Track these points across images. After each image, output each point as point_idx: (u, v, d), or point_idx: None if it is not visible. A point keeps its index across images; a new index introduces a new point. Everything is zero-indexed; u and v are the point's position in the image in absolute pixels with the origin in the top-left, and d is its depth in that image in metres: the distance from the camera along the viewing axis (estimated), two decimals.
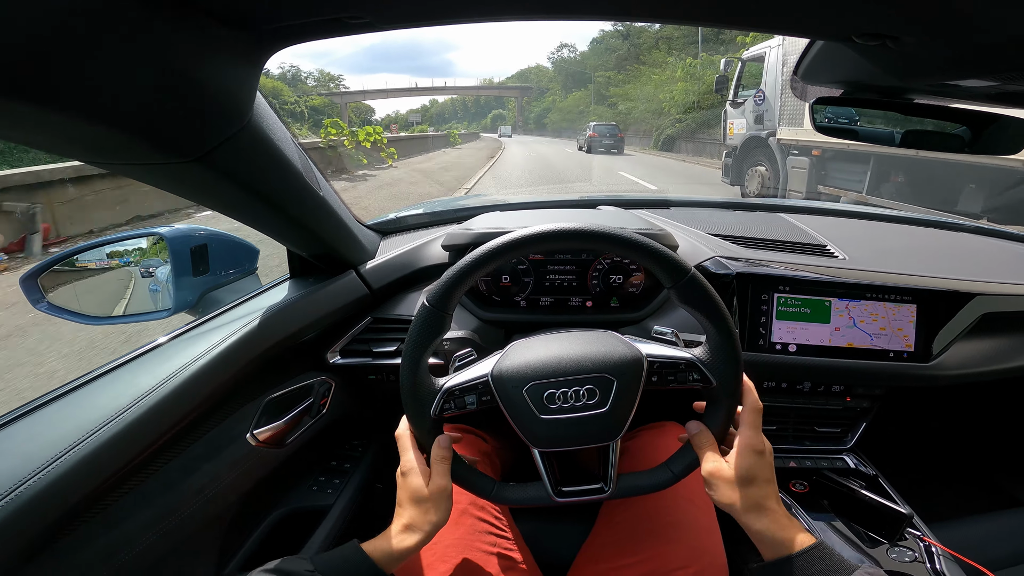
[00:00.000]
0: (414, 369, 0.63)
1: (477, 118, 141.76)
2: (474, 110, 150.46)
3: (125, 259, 0.83)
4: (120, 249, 0.82)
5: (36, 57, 0.29)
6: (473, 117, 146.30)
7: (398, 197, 8.62)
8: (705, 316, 0.64)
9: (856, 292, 0.91)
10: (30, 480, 0.44)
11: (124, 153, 0.43)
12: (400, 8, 0.39)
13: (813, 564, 0.52)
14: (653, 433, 0.87)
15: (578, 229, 0.63)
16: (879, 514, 0.81)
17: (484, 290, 0.97)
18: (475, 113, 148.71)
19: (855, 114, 0.74)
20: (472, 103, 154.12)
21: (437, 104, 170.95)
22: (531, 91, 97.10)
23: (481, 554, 0.69)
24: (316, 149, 12.02)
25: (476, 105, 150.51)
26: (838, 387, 0.99)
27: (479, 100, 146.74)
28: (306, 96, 60.91)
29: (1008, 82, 0.45)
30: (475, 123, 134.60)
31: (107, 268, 0.84)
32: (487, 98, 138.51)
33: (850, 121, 0.74)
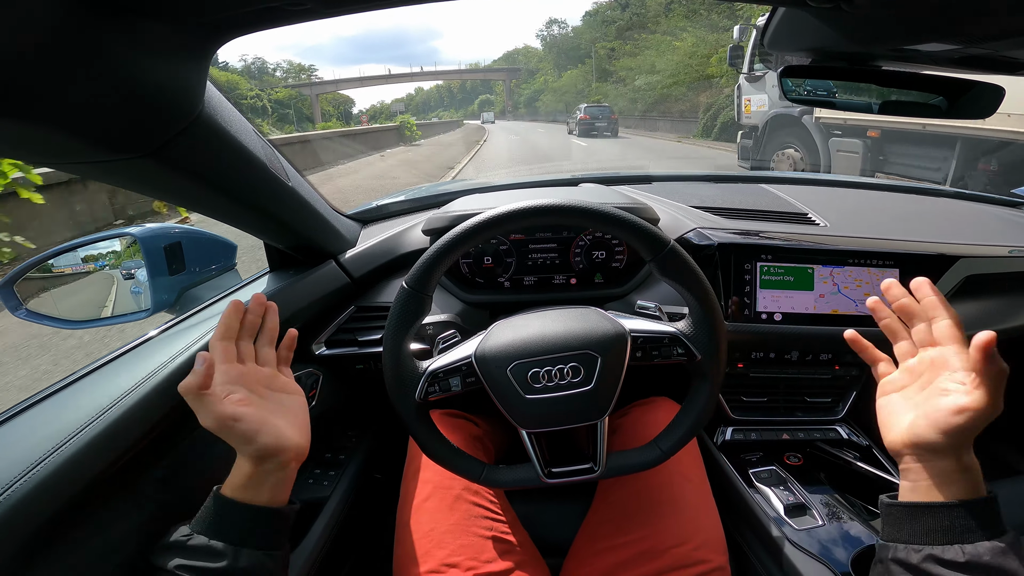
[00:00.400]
0: (396, 353, 0.63)
1: (464, 104, 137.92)
2: (460, 96, 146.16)
3: (101, 262, 0.82)
4: (95, 252, 0.81)
5: None
6: (460, 104, 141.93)
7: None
8: (686, 289, 0.64)
9: (838, 258, 0.91)
10: (13, 486, 0.44)
11: (72, 153, 0.42)
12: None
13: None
14: (643, 409, 0.88)
15: (555, 205, 0.63)
16: (874, 486, 0.82)
17: (467, 272, 0.97)
18: (461, 100, 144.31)
19: (832, 86, 0.73)
20: (458, 89, 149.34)
21: (422, 92, 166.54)
22: (519, 73, 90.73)
23: (478, 539, 0.69)
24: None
25: (462, 91, 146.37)
26: (826, 355, 0.99)
27: (465, 86, 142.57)
28: (269, 89, 58.24)
29: (968, 45, 0.44)
30: (461, 110, 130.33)
31: (84, 272, 0.83)
32: (474, 83, 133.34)
33: (819, 92, 0.73)
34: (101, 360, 0.62)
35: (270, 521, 0.51)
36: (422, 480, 0.75)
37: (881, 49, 0.52)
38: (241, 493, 0.50)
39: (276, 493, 0.52)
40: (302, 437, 0.54)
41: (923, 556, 0.45)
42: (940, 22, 0.40)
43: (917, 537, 0.47)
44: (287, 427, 0.53)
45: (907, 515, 0.49)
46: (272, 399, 0.55)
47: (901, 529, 0.49)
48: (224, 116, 0.51)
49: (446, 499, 0.72)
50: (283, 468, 0.52)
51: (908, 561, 0.46)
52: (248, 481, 0.50)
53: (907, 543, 0.47)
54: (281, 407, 0.55)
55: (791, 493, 0.84)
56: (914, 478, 0.49)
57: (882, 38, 0.48)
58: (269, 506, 0.51)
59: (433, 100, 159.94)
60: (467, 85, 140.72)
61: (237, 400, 0.50)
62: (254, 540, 0.49)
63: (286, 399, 0.57)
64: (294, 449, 0.52)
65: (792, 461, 0.91)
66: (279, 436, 0.51)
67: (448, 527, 0.69)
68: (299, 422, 0.55)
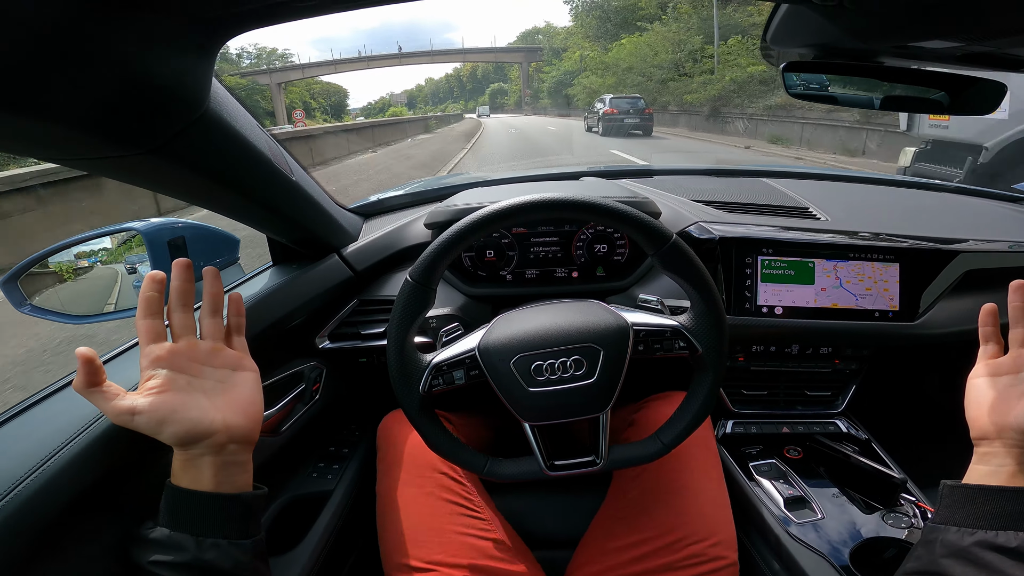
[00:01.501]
0: (400, 346, 0.64)
1: (475, 94, 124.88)
2: (471, 86, 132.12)
3: (93, 259, 0.81)
4: (87, 250, 0.81)
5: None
6: (470, 94, 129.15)
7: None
8: (688, 283, 0.64)
9: (839, 252, 0.91)
10: (19, 486, 0.44)
11: (77, 148, 0.42)
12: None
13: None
14: (659, 403, 0.87)
15: (559, 199, 0.63)
16: (873, 480, 0.82)
17: (469, 266, 0.97)
18: (472, 90, 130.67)
19: (826, 81, 0.73)
20: (468, 77, 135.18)
21: (432, 82, 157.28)
22: (540, 54, 68.66)
23: (459, 536, 0.70)
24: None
25: (473, 80, 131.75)
26: (826, 349, 1.00)
27: (476, 74, 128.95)
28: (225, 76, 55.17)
29: (971, 43, 0.44)
30: (472, 101, 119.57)
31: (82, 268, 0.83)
32: (486, 70, 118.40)
33: (821, 87, 0.73)
34: (103, 356, 0.62)
35: (224, 508, 0.48)
36: (398, 479, 0.75)
37: (883, 46, 0.52)
38: (183, 480, 0.47)
39: (222, 479, 0.48)
40: (238, 416, 0.50)
41: (975, 540, 0.45)
42: (942, 19, 0.40)
43: (974, 520, 0.46)
44: (212, 409, 0.48)
45: (972, 498, 0.48)
46: (210, 377, 0.51)
47: (958, 512, 0.48)
48: (229, 111, 0.51)
49: (424, 495, 0.73)
50: (217, 452, 0.48)
51: (959, 544, 0.46)
52: (183, 467, 0.48)
53: (960, 526, 0.47)
54: (219, 386, 0.51)
55: (791, 486, 0.84)
56: (999, 463, 0.49)
57: (884, 35, 0.48)
58: (217, 492, 0.48)
59: (442, 91, 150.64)
60: (478, 73, 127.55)
61: (150, 387, 0.46)
62: (213, 529, 0.46)
63: (229, 376, 0.52)
64: (223, 431, 0.48)
65: (792, 455, 0.92)
66: (196, 421, 0.47)
67: (430, 525, 0.70)
68: (239, 400, 0.51)
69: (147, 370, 0.47)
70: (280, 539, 0.75)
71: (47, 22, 0.29)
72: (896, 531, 0.75)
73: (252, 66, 63.78)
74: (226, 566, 0.46)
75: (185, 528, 0.46)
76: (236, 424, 0.49)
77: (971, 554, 0.45)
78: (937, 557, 0.47)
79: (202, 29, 0.38)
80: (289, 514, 0.81)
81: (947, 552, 0.46)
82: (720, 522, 0.72)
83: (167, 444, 0.47)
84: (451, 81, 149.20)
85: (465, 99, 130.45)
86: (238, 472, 0.50)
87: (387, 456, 0.79)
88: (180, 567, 0.44)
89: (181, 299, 0.50)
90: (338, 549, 0.80)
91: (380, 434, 0.84)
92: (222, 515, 0.47)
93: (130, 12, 0.33)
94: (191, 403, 0.47)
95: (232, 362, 0.53)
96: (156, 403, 0.46)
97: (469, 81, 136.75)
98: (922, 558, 0.49)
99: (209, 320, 0.53)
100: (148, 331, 0.48)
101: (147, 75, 0.38)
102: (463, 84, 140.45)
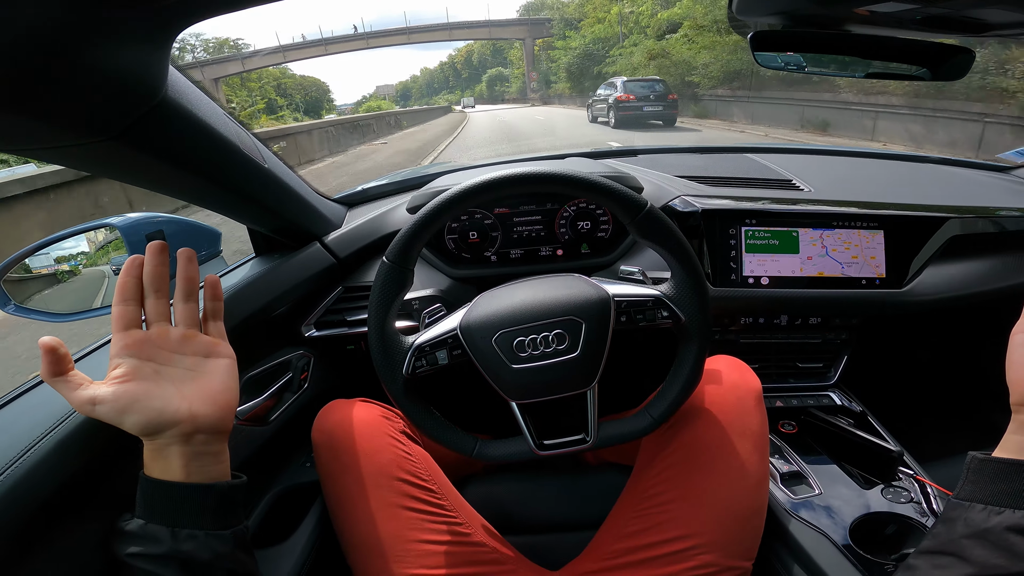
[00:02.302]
0: (381, 328, 0.63)
1: (472, 83, 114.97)
2: (466, 74, 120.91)
3: (73, 262, 0.81)
4: (65, 254, 0.80)
5: None
6: (466, 83, 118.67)
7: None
8: (667, 250, 0.63)
9: (823, 221, 0.91)
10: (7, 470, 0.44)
11: (35, 138, 0.42)
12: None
13: None
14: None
15: (532, 173, 0.63)
16: (870, 453, 0.81)
17: (453, 248, 0.97)
18: (468, 78, 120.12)
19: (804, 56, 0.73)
20: (463, 64, 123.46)
21: (427, 72, 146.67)
22: (548, 27, 52.04)
23: (434, 544, 0.66)
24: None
25: (468, 67, 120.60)
26: (815, 319, 0.99)
27: (471, 60, 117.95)
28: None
29: (927, 5, 0.44)
30: (468, 90, 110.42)
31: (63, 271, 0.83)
32: (482, 55, 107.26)
33: (801, 58, 0.73)
34: (81, 352, 0.61)
35: (196, 498, 0.46)
36: (353, 492, 0.68)
37: (845, 11, 0.52)
38: (154, 471, 0.46)
39: (192, 469, 0.47)
40: (205, 405, 0.48)
41: (1003, 521, 0.40)
42: None
43: (1004, 499, 0.41)
44: (178, 397, 0.47)
45: (1005, 474, 0.42)
46: (180, 364, 0.49)
47: (986, 488, 0.43)
48: (190, 99, 0.50)
49: (388, 507, 0.67)
50: (185, 441, 0.46)
51: (983, 525, 0.41)
52: (152, 458, 0.47)
53: (987, 504, 0.42)
54: (189, 373, 0.49)
55: (787, 462, 0.83)
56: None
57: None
58: (188, 482, 0.46)
59: (437, 81, 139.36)
60: (473, 59, 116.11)
61: (114, 376, 0.45)
62: (188, 520, 0.45)
63: (200, 363, 0.51)
64: (188, 421, 0.46)
65: (787, 429, 0.91)
66: (159, 411, 0.45)
67: (399, 538, 0.65)
68: (208, 388, 0.49)
69: (114, 358, 0.46)
70: (273, 530, 0.75)
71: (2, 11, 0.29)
72: (896, 506, 0.74)
73: (197, 60, 53.57)
74: (204, 557, 0.45)
75: (160, 519, 0.45)
76: (203, 413, 0.48)
77: (995, 535, 0.40)
78: (957, 536, 0.42)
79: (155, 17, 0.38)
80: (282, 505, 0.82)
81: (969, 532, 0.42)
82: (747, 532, 0.66)
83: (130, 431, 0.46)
84: (446, 70, 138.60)
85: (461, 88, 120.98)
86: (211, 462, 0.49)
87: (331, 463, 0.71)
88: (157, 559, 0.44)
89: (154, 283, 0.49)
90: (331, 539, 0.81)
91: (316, 437, 0.73)
92: (196, 506, 0.46)
93: (80, 6, 0.32)
94: (155, 392, 0.46)
95: (205, 349, 0.52)
96: (118, 392, 0.45)
97: (464, 68, 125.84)
98: (940, 536, 0.44)
99: (182, 306, 0.51)
100: (120, 317, 0.47)
101: (101, 64, 0.37)
102: (458, 72, 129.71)
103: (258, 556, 0.54)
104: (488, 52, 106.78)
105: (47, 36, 0.32)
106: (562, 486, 0.86)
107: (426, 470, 0.72)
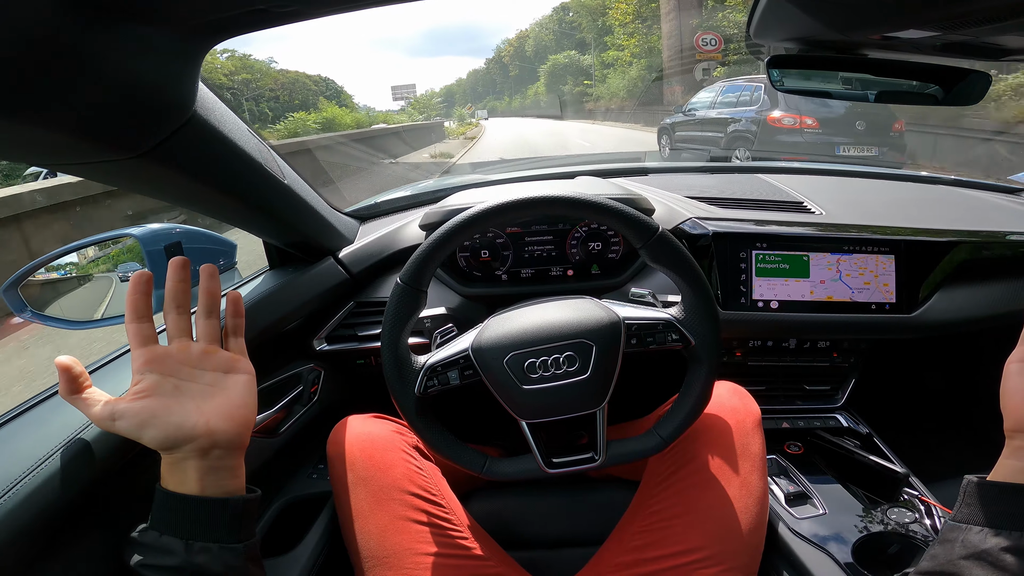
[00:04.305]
0: (394, 349, 0.64)
1: (521, 84, 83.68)
2: (515, 71, 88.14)
3: (63, 272, 0.82)
4: (56, 264, 0.81)
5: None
6: (515, 85, 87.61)
7: None
8: (677, 274, 0.64)
9: (834, 245, 0.91)
10: (13, 488, 0.44)
11: (68, 154, 0.43)
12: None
13: None
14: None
15: (546, 196, 0.64)
16: (875, 474, 0.81)
17: (464, 266, 0.98)
18: (517, 77, 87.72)
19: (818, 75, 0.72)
20: (511, 56, 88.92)
21: (474, 74, 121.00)
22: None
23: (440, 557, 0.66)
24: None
25: (519, 57, 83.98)
26: (823, 343, 0.99)
27: (523, 49, 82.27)
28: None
29: (947, 32, 0.44)
30: (516, 95, 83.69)
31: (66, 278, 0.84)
32: (540, 40, 71.88)
33: (816, 81, 0.72)
34: (93, 365, 0.62)
35: (211, 512, 0.47)
36: (365, 505, 0.69)
37: (863, 37, 0.53)
38: (170, 484, 0.47)
39: (208, 482, 0.48)
40: (223, 421, 0.49)
41: (999, 542, 0.41)
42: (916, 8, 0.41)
43: (1001, 521, 0.42)
44: (196, 413, 0.48)
45: (1001, 496, 0.44)
46: (200, 380, 0.50)
47: (983, 510, 0.44)
48: (217, 116, 0.51)
49: (399, 520, 0.67)
50: (202, 456, 0.47)
51: (980, 546, 0.42)
52: (169, 471, 0.47)
53: (984, 526, 0.43)
54: (208, 389, 0.50)
55: (792, 482, 0.83)
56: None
57: (862, 25, 0.48)
58: (203, 496, 0.47)
59: (481, 84, 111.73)
60: (527, 48, 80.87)
61: (135, 391, 0.47)
62: (202, 533, 0.46)
63: (220, 379, 0.51)
64: (205, 436, 0.47)
65: (792, 450, 0.91)
66: (177, 425, 0.46)
67: (408, 551, 0.66)
68: (227, 404, 0.50)
69: (136, 374, 0.48)
70: (278, 541, 0.76)
71: (37, 28, 0.30)
72: (899, 526, 0.74)
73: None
74: (216, 570, 0.45)
75: (174, 532, 0.46)
76: (220, 429, 0.48)
77: (992, 556, 0.41)
78: (956, 557, 0.44)
79: (184, 36, 0.39)
80: (288, 516, 0.82)
81: (967, 553, 0.43)
82: (748, 546, 0.67)
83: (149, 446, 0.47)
84: (492, 69, 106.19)
85: (509, 93, 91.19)
86: (227, 477, 0.49)
87: (345, 476, 0.71)
88: (169, 570, 0.44)
89: (176, 299, 0.50)
90: (337, 550, 0.80)
91: (331, 450, 0.74)
92: (210, 519, 0.47)
93: (115, 19, 0.34)
94: (174, 407, 0.47)
95: (225, 365, 0.52)
96: (137, 408, 0.46)
97: (514, 63, 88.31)
98: (938, 557, 0.46)
99: (204, 321, 0.52)
100: (136, 335, 0.48)
101: (133, 81, 0.38)
102: (506, 69, 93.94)
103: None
104: (550, 37, 67.82)
105: (84, 52, 0.33)
106: (565, 502, 0.85)
107: (435, 485, 0.73)
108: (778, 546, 0.75)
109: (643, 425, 0.82)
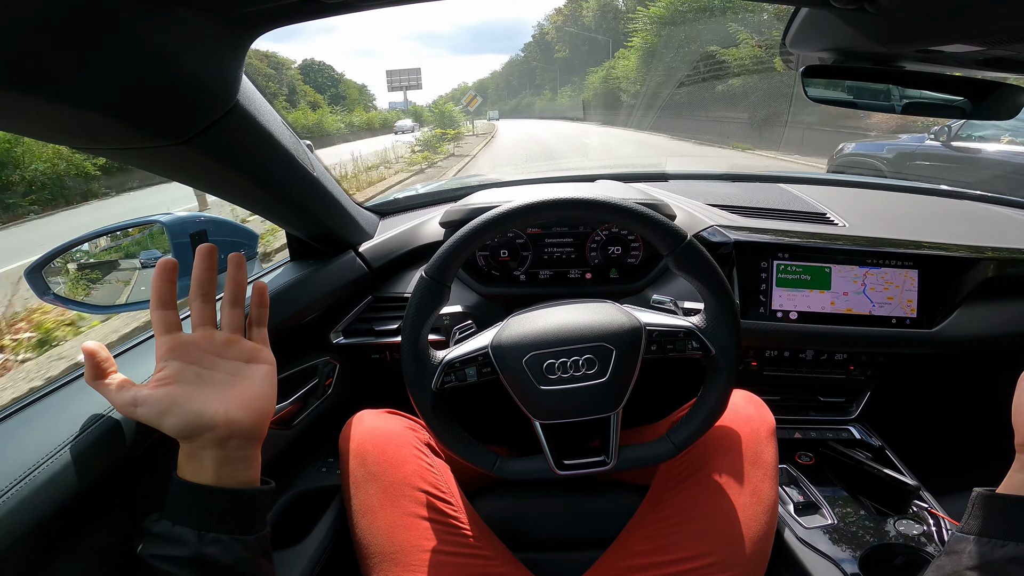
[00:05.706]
0: (414, 342, 0.64)
1: (569, 73, 68.31)
2: (564, 52, 72.80)
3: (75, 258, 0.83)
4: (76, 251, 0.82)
5: (25, 51, 0.30)
6: (562, 74, 71.48)
7: None
8: (702, 283, 0.64)
9: (856, 258, 0.91)
10: (28, 476, 0.44)
11: (112, 139, 0.43)
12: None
13: None
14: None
15: (574, 198, 0.64)
16: (886, 486, 0.81)
17: (483, 265, 0.98)
18: (564, 66, 72.41)
19: (852, 86, 0.73)
20: (538, 56, 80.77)
21: (510, 65, 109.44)
22: None
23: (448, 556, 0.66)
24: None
25: (562, 44, 70.68)
26: (841, 355, 0.99)
27: (565, 37, 68.59)
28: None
29: (993, 47, 0.44)
30: (544, 92, 74.95)
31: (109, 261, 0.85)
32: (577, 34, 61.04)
33: (845, 91, 0.72)
34: (117, 350, 0.62)
35: (226, 502, 0.47)
36: (375, 499, 0.69)
37: (904, 50, 0.52)
38: (186, 473, 0.47)
39: (224, 473, 0.47)
40: (242, 411, 0.48)
41: (1007, 554, 0.41)
42: (964, 23, 0.40)
43: (1009, 533, 0.43)
44: (217, 402, 0.47)
45: (1011, 510, 0.44)
46: (222, 369, 0.50)
47: (991, 523, 0.44)
48: (257, 106, 0.52)
49: (407, 516, 0.67)
50: (219, 446, 0.47)
51: (988, 557, 0.42)
52: (187, 460, 0.47)
53: (992, 538, 0.43)
54: (229, 378, 0.50)
55: (801, 491, 0.84)
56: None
57: (906, 39, 0.48)
58: (218, 486, 0.47)
59: (515, 79, 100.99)
60: (554, 44, 72.96)
61: (158, 378, 0.47)
62: (215, 523, 0.46)
63: (241, 368, 0.51)
64: (224, 425, 0.47)
65: (804, 460, 0.91)
66: (197, 414, 0.46)
67: (415, 547, 0.66)
68: (247, 394, 0.50)
69: (160, 361, 0.48)
70: (286, 533, 0.76)
71: (85, 10, 0.30)
72: (907, 538, 0.75)
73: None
74: (227, 561, 0.45)
75: (187, 522, 0.45)
76: (239, 418, 0.48)
77: (999, 567, 0.41)
78: (962, 568, 0.44)
79: (232, 25, 0.39)
80: (296, 508, 0.82)
81: (973, 563, 0.43)
82: (756, 553, 0.66)
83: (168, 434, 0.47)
84: (531, 56, 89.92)
85: (551, 88, 73.92)
86: (243, 467, 0.49)
87: (357, 470, 0.71)
88: (180, 561, 0.44)
89: (202, 287, 0.50)
90: (343, 545, 0.81)
91: (344, 445, 0.74)
92: (224, 509, 0.47)
93: (163, 5, 0.34)
94: (196, 395, 0.47)
95: (247, 354, 0.53)
96: (159, 395, 0.46)
97: (562, 45, 70.07)
98: (944, 568, 0.46)
99: (229, 310, 0.53)
100: (160, 322, 0.48)
101: (179, 68, 0.39)
102: (550, 52, 77.98)
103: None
104: (593, 19, 52.13)
105: (132, 37, 0.34)
106: (572, 504, 0.85)
107: (446, 483, 0.73)
108: (785, 555, 0.75)
109: (655, 430, 0.82)
